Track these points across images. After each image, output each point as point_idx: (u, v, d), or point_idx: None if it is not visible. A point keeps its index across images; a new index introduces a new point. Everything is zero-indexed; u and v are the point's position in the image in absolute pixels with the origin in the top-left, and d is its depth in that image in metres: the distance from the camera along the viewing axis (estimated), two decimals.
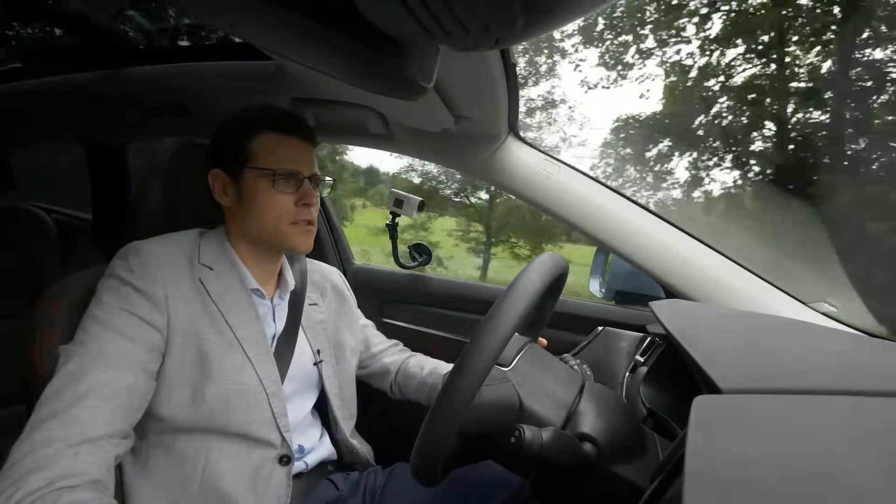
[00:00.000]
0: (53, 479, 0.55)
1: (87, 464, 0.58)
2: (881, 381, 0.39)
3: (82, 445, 0.58)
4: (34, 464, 0.55)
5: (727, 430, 0.32)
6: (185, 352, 0.72)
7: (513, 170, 1.04)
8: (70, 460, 0.57)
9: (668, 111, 8.71)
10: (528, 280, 0.58)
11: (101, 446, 0.60)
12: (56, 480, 0.55)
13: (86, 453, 0.58)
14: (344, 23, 0.32)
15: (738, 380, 0.40)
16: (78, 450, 0.58)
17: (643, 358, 0.93)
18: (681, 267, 0.94)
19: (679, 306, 0.60)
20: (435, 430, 0.54)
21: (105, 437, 0.61)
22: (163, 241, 0.78)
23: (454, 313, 1.34)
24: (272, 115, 0.81)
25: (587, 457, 0.58)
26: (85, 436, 0.59)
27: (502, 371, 0.66)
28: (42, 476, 0.54)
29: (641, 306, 1.12)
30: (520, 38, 0.33)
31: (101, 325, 0.67)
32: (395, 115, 1.02)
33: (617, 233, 0.98)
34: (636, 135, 8.89)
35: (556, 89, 11.26)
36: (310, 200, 0.81)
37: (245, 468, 0.74)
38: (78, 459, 0.57)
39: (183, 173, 0.91)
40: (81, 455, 0.58)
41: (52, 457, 0.56)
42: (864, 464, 0.28)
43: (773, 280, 0.92)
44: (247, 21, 0.32)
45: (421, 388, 1.00)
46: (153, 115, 1.31)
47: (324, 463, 0.92)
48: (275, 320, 0.86)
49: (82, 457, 0.58)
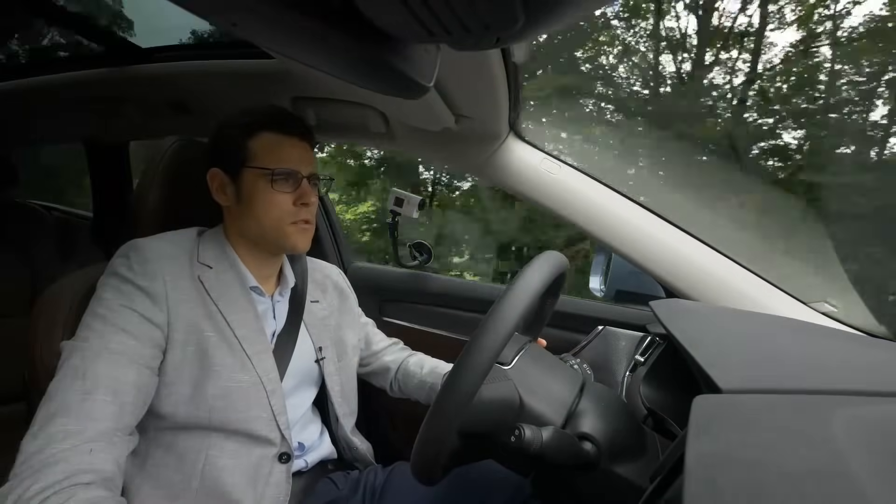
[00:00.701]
0: (70, 473, 0.56)
1: (102, 461, 0.59)
2: (881, 381, 0.39)
3: (97, 441, 0.59)
4: (51, 457, 0.56)
5: (727, 430, 0.32)
6: (184, 349, 0.72)
7: (514, 169, 1.04)
8: (86, 456, 0.58)
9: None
10: (529, 279, 0.58)
11: (113, 442, 0.62)
12: (72, 475, 0.56)
13: (100, 450, 0.59)
14: (345, 22, 0.32)
15: (739, 379, 0.40)
16: (93, 446, 0.59)
17: (643, 357, 0.93)
18: (681, 266, 0.94)
19: (679, 306, 0.60)
20: (435, 429, 0.54)
21: (116, 431, 0.62)
22: (162, 240, 0.78)
23: (454, 312, 1.34)
24: (271, 115, 0.81)
25: (587, 456, 0.58)
26: (98, 430, 0.60)
27: (503, 370, 0.66)
28: (59, 469, 0.56)
29: (642, 306, 1.12)
30: (520, 37, 0.33)
31: (104, 322, 0.67)
32: (395, 114, 1.02)
33: (617, 232, 0.98)
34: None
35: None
36: (308, 200, 0.81)
37: (245, 466, 0.75)
38: (94, 456, 0.58)
39: (183, 172, 0.91)
40: (96, 451, 0.59)
41: (68, 451, 0.57)
42: (865, 464, 0.28)
43: (772, 279, 0.93)
44: (248, 20, 0.32)
45: (420, 386, 1.00)
46: (153, 114, 1.31)
47: (324, 462, 0.92)
48: (275, 318, 0.86)
49: (97, 453, 0.59)
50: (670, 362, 0.83)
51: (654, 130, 8.67)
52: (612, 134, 9.16)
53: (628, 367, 0.94)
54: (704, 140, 8.28)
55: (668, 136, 8.14)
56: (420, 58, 0.38)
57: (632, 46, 9.18)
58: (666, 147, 8.08)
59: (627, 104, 9.58)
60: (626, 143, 8.86)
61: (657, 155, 8.26)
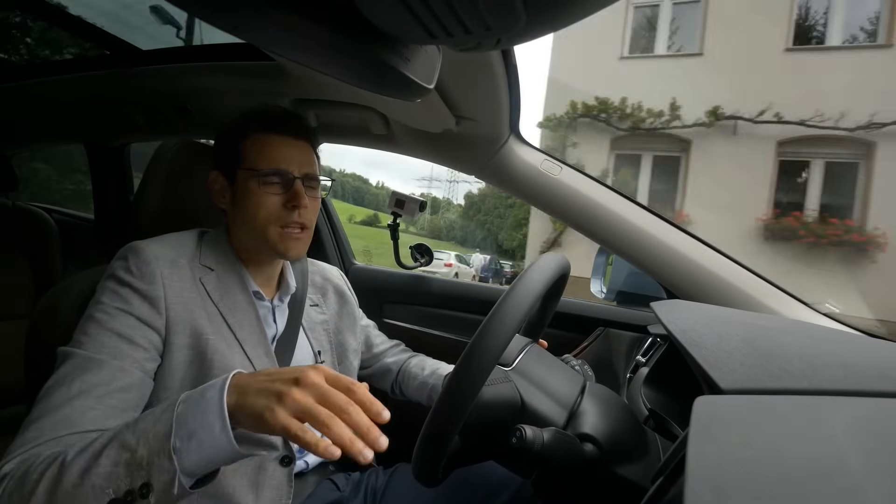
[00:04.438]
0: (39, 452, 0.56)
1: (71, 441, 0.58)
2: (882, 381, 0.39)
3: (68, 437, 0.58)
4: (21, 460, 0.56)
5: (729, 431, 0.32)
6: (184, 352, 0.72)
7: (515, 170, 1.04)
8: (53, 446, 0.57)
9: None
10: (531, 280, 0.58)
11: (89, 438, 0.60)
12: (41, 453, 0.56)
13: (72, 443, 0.58)
14: (346, 24, 0.32)
15: (740, 380, 0.40)
16: (62, 440, 0.58)
17: (644, 358, 0.93)
18: (682, 267, 0.94)
19: (680, 306, 0.60)
20: (436, 431, 0.54)
21: (93, 433, 0.61)
22: (162, 242, 0.77)
23: (455, 314, 1.34)
24: (263, 114, 0.80)
25: (588, 457, 0.58)
26: (71, 432, 0.59)
27: (504, 371, 0.66)
28: (28, 453, 0.56)
29: (643, 307, 1.12)
30: (522, 38, 0.33)
31: (99, 326, 0.66)
32: (396, 116, 1.02)
33: (618, 233, 0.98)
34: None
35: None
36: (299, 202, 0.77)
37: (246, 468, 0.74)
38: (61, 441, 0.58)
39: (184, 173, 0.91)
40: (65, 439, 0.58)
41: (40, 446, 0.57)
42: (866, 464, 0.28)
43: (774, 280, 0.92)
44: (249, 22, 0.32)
45: (421, 388, 1.00)
46: (155, 116, 1.31)
47: (325, 463, 0.91)
48: (275, 321, 0.86)
49: (65, 439, 0.58)
50: (671, 363, 0.83)
51: None
52: None
53: (629, 367, 0.94)
54: None
55: None
56: (421, 59, 0.38)
57: None
58: None
59: None
60: None
61: None
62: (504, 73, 0.76)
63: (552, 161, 1.02)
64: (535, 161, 1.03)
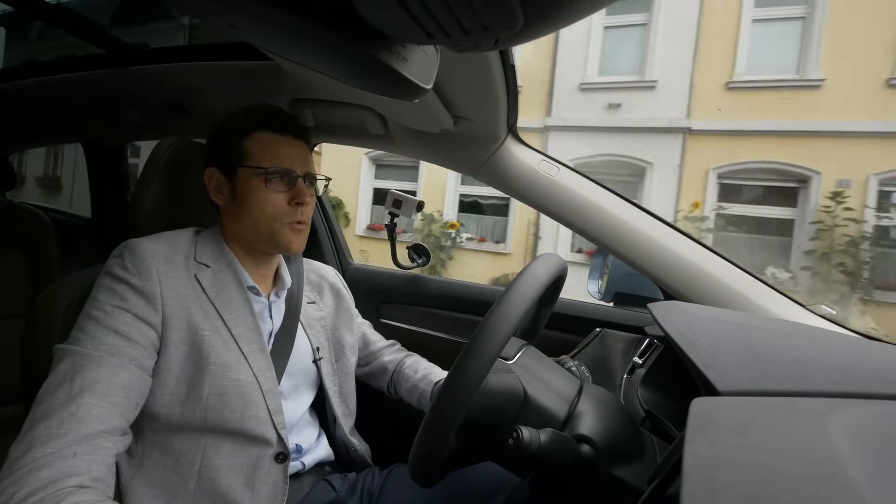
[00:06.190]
0: (54, 479, 0.54)
1: (87, 462, 0.57)
2: (879, 383, 0.39)
3: (81, 444, 0.58)
4: (34, 462, 0.55)
5: (725, 432, 0.32)
6: (180, 349, 0.72)
7: (512, 171, 1.04)
8: (70, 460, 0.56)
9: None
10: (528, 281, 0.58)
11: (99, 444, 0.60)
12: (57, 480, 0.54)
13: (84, 452, 0.58)
14: (343, 23, 0.32)
15: (737, 382, 0.40)
16: (77, 449, 0.57)
17: (641, 360, 0.93)
18: (679, 269, 0.94)
19: (677, 308, 0.60)
20: (433, 432, 0.54)
21: (102, 434, 0.61)
22: (158, 239, 0.78)
23: (452, 314, 1.34)
24: (266, 114, 0.81)
25: (585, 458, 0.58)
26: (83, 432, 0.59)
27: (506, 363, 0.66)
28: (43, 476, 0.54)
29: (640, 308, 1.12)
30: (519, 39, 0.33)
31: (96, 324, 0.66)
32: (394, 116, 1.02)
33: (615, 234, 0.98)
34: None
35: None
36: (303, 199, 0.81)
37: (241, 466, 0.74)
38: (78, 459, 0.57)
39: (181, 173, 0.91)
40: (80, 454, 0.57)
41: (52, 455, 0.56)
42: (862, 466, 0.28)
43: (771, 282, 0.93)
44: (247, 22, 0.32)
45: (412, 391, 1.00)
46: (152, 115, 1.31)
47: (321, 464, 0.92)
48: (271, 317, 0.86)
49: (82, 456, 0.57)
50: (668, 364, 0.83)
51: None
52: None
53: (626, 369, 0.94)
54: None
55: None
56: (418, 59, 0.38)
57: None
58: None
59: None
60: None
61: None
62: (501, 73, 0.76)
63: (549, 162, 1.02)
64: (532, 162, 1.03)
